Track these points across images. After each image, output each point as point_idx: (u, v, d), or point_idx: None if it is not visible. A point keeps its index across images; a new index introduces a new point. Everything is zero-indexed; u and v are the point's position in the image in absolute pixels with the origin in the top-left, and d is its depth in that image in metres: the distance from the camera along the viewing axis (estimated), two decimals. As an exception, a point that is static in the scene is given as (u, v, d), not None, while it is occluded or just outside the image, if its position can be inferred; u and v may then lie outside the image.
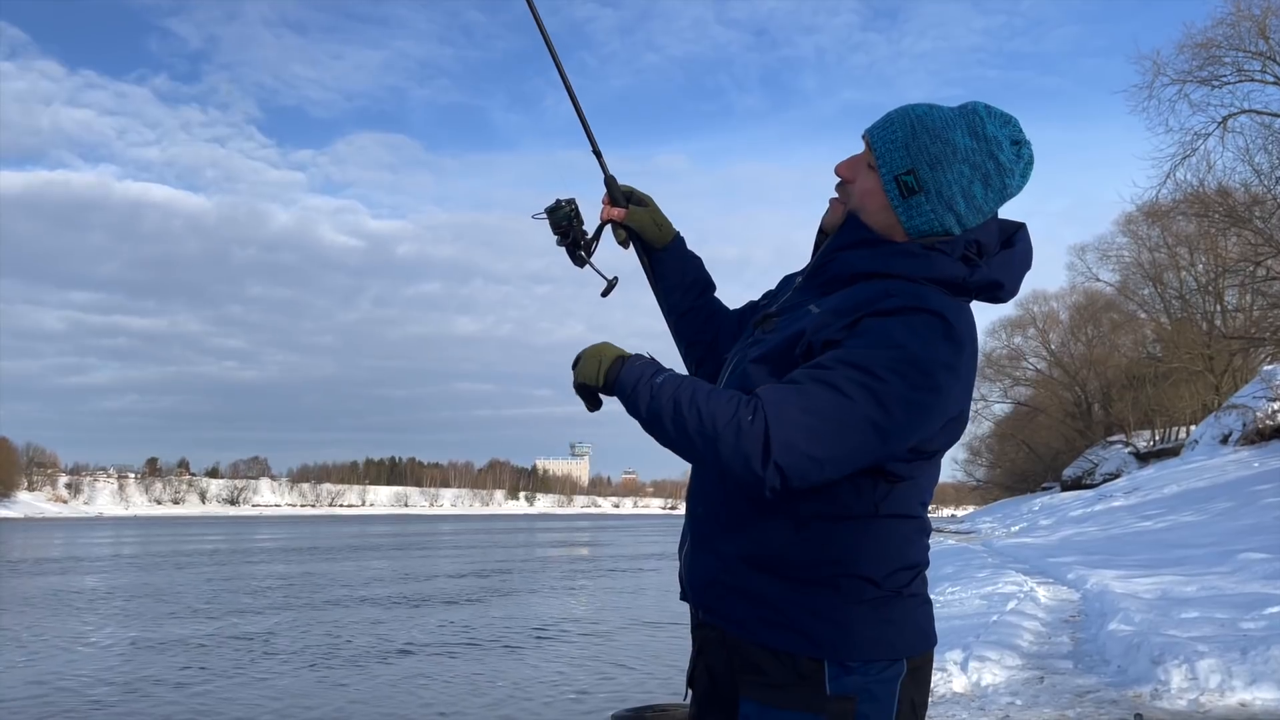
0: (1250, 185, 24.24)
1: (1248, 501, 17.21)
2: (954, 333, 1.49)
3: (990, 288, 1.60)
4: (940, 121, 1.54)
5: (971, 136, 1.54)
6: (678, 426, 1.48)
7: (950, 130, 1.54)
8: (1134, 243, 42.45)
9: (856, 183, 1.61)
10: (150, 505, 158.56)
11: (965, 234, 1.57)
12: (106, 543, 47.62)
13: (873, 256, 1.57)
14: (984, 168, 1.53)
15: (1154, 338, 45.35)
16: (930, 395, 1.47)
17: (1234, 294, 34.27)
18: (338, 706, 9.10)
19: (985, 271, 1.58)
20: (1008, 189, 1.57)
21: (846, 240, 1.60)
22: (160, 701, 9.35)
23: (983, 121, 1.55)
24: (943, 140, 1.53)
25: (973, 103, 1.58)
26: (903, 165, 1.54)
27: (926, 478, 1.62)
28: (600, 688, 9.97)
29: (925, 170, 1.53)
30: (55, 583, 23.21)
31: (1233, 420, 27.09)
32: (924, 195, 1.54)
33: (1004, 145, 1.55)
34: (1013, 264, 1.62)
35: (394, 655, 12.06)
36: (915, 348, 1.46)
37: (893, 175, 1.55)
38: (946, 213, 1.55)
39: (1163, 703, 5.92)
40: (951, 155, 1.52)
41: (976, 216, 1.57)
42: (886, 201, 1.56)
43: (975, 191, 1.54)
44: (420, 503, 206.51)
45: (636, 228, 1.98)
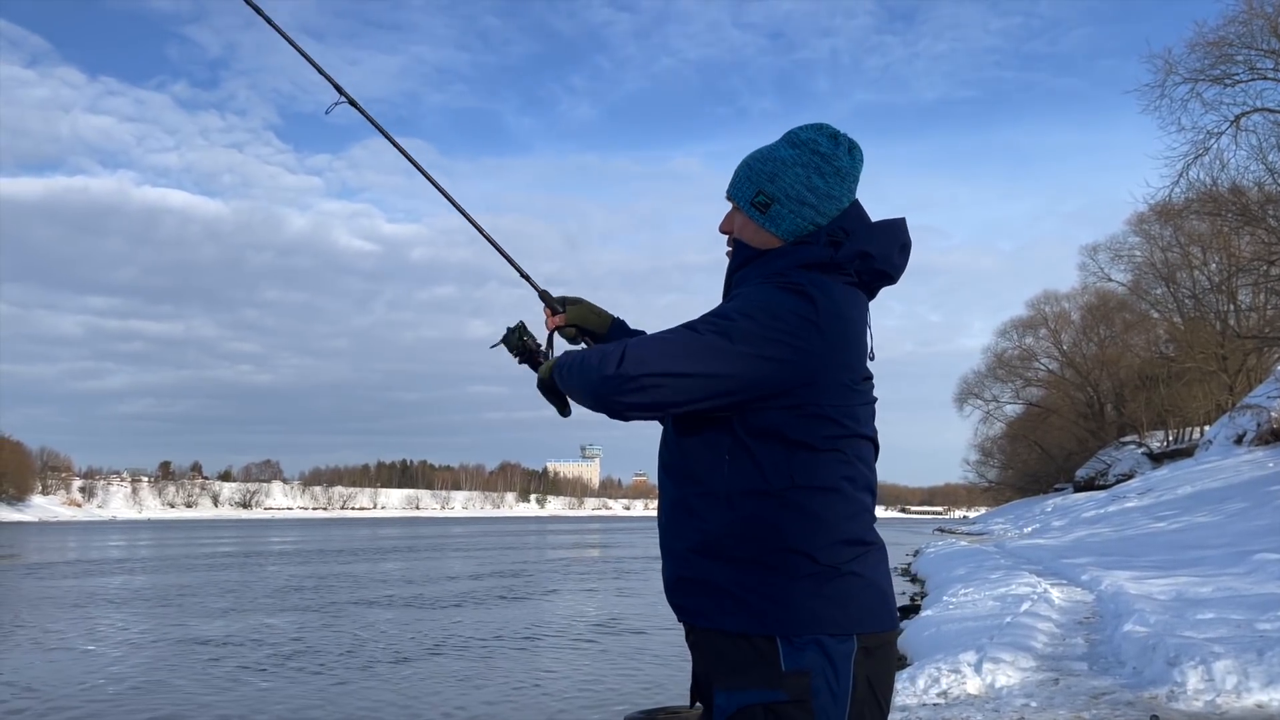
0: (1264, 184, 24.09)
1: (1263, 502, 17.11)
2: (807, 292, 1.70)
3: (861, 258, 1.78)
4: (765, 150, 1.84)
5: (792, 147, 1.81)
6: (582, 375, 1.79)
7: (774, 151, 1.82)
8: (1146, 242, 42.24)
9: (735, 229, 1.88)
10: (163, 508, 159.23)
11: (831, 224, 1.79)
12: (120, 546, 47.86)
13: (758, 264, 1.82)
14: (812, 163, 1.78)
15: (1167, 337, 45.11)
16: (778, 334, 1.66)
17: (1248, 293, 34.07)
18: (350, 706, 9.13)
19: (850, 245, 1.78)
20: (842, 171, 1.79)
21: (737, 262, 1.87)
22: (177, 703, 9.39)
23: (797, 133, 1.82)
24: (771, 160, 1.81)
25: (788, 130, 1.85)
26: (750, 192, 1.82)
27: (849, 451, 1.74)
28: (612, 690, 9.97)
29: (768, 185, 1.80)
30: (71, 585, 23.33)
31: (1247, 420, 26.92)
32: (777, 204, 1.79)
33: (821, 140, 1.80)
34: (876, 235, 1.81)
35: (406, 657, 12.09)
36: (764, 297, 1.70)
37: (748, 202, 1.82)
38: (802, 207, 1.78)
39: (1179, 704, 5.89)
40: (782, 165, 1.79)
41: (831, 203, 1.79)
42: (755, 224, 1.82)
43: (816, 183, 1.78)
44: (431, 505, 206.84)
45: (579, 322, 2.27)
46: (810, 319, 1.67)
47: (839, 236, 1.77)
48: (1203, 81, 23.38)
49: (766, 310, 1.67)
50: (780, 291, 1.70)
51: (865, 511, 1.77)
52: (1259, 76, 22.87)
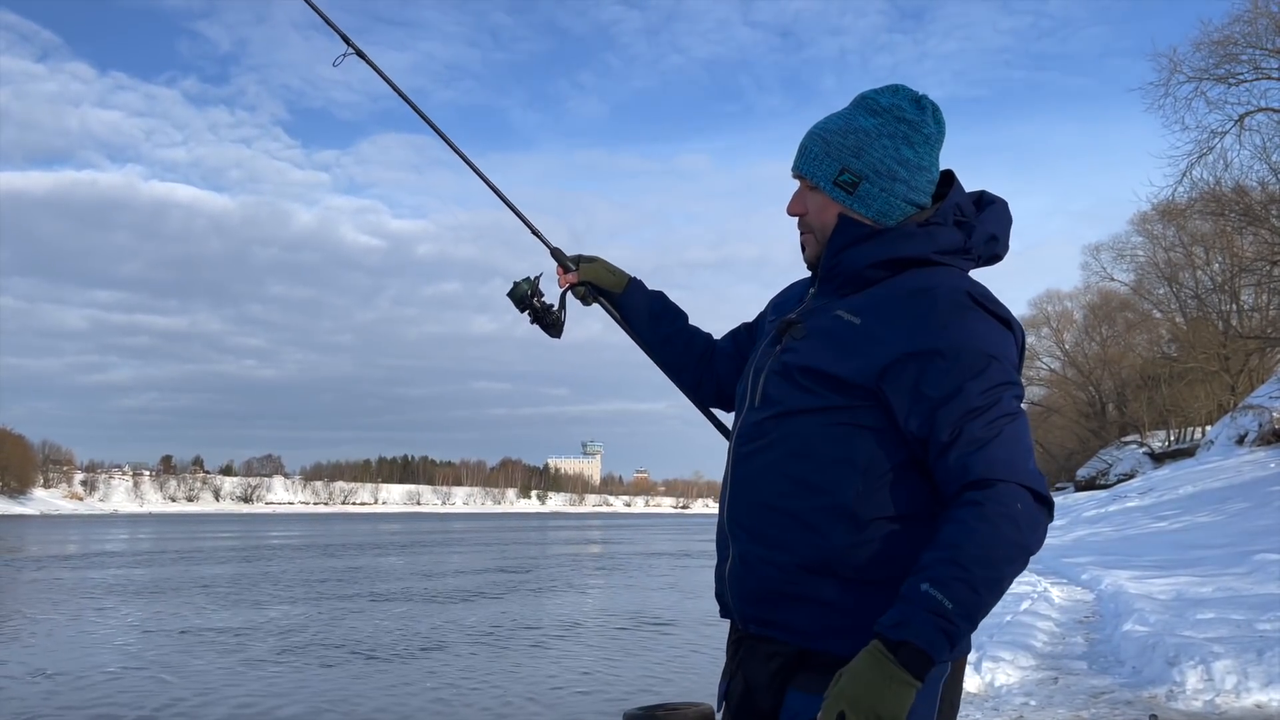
0: (1267, 184, 24.05)
1: (1264, 502, 17.08)
2: (1010, 321, 1.59)
3: (989, 241, 1.67)
4: (841, 120, 1.64)
5: (873, 115, 1.62)
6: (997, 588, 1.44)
7: (853, 121, 1.63)
8: (1149, 242, 42.17)
9: (810, 211, 1.68)
10: (165, 503, 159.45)
11: (947, 202, 1.63)
12: (122, 540, 47.93)
13: (877, 245, 1.61)
14: (899, 132, 1.61)
15: (1169, 337, 45.06)
16: (1013, 378, 1.56)
17: (1250, 293, 34.01)
18: (349, 700, 9.13)
19: (981, 229, 1.65)
20: (931, 138, 1.63)
21: (846, 239, 1.64)
22: (177, 694, 9.41)
23: (875, 99, 1.63)
24: (851, 131, 1.61)
25: (859, 94, 1.66)
26: (833, 170, 1.62)
27: None
28: (611, 686, 9.97)
29: (853, 161, 1.60)
30: (73, 578, 23.36)
31: (1249, 420, 26.88)
32: (866, 181, 1.60)
33: (905, 106, 1.62)
34: (997, 217, 1.69)
35: (406, 651, 12.09)
36: (995, 336, 1.55)
37: (831, 182, 1.62)
38: (894, 184, 1.60)
39: (1178, 704, 5.88)
40: (866, 137, 1.60)
41: (923, 175, 1.63)
42: (841, 205, 1.63)
43: (906, 154, 1.61)
44: (433, 501, 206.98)
45: (593, 280, 2.08)
46: (1015, 351, 1.59)
47: (962, 216, 1.64)
48: (1207, 80, 23.34)
49: (1004, 352, 1.55)
50: (993, 323, 1.56)
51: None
52: (1264, 76, 22.83)
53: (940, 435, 1.49)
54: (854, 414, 1.56)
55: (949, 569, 1.40)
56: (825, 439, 1.56)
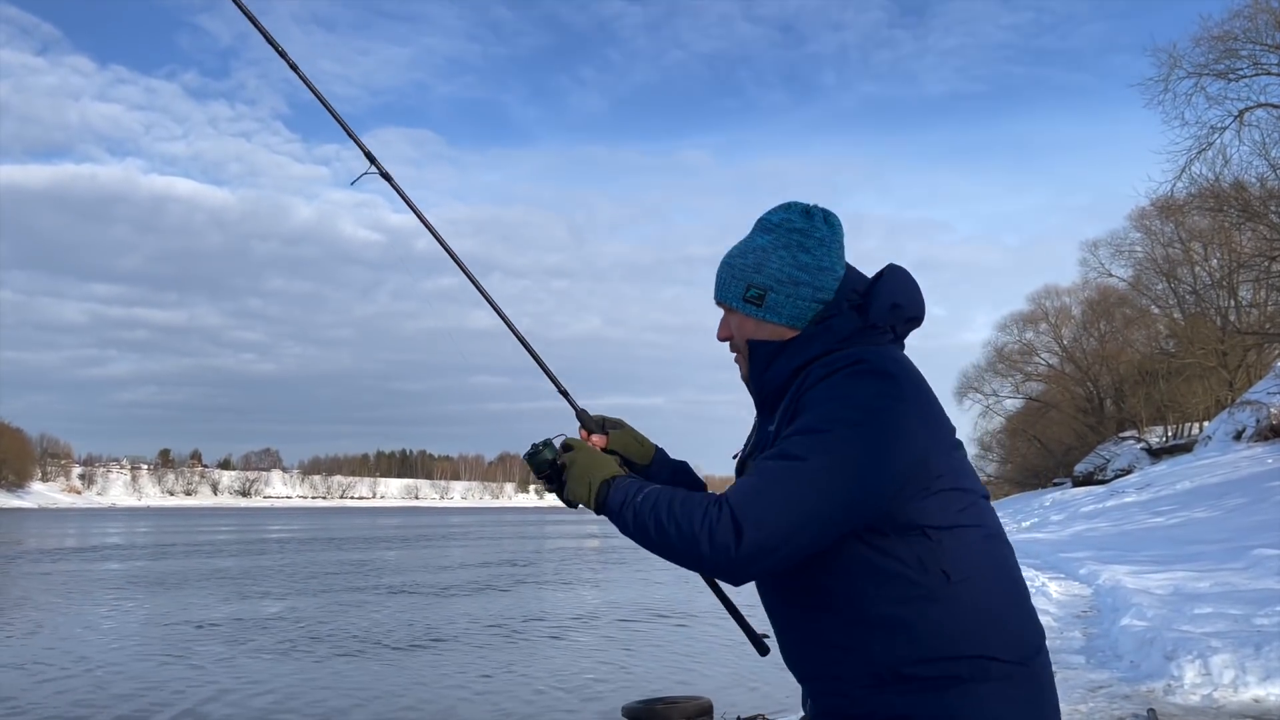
0: (1266, 180, 24.04)
1: (1261, 498, 17.12)
2: (881, 368, 1.58)
3: (893, 310, 1.69)
4: (741, 244, 1.76)
5: (766, 233, 1.73)
6: (661, 538, 1.58)
7: (751, 242, 1.74)
8: (1147, 238, 42.17)
9: (733, 332, 1.78)
10: (163, 496, 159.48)
11: (839, 293, 1.69)
12: (120, 533, 47.92)
13: (785, 358, 1.70)
14: (792, 241, 1.70)
15: (1167, 333, 45.09)
16: (880, 427, 1.52)
17: (1248, 289, 34.03)
18: (346, 693, 9.14)
19: (878, 303, 1.69)
20: (824, 240, 1.72)
21: (762, 362, 1.74)
22: (177, 688, 9.42)
23: (767, 219, 1.75)
24: (750, 251, 1.73)
25: (757, 219, 1.77)
26: (740, 289, 1.73)
27: (985, 522, 1.61)
28: (610, 680, 9.99)
29: (756, 277, 1.71)
30: (73, 571, 23.37)
31: (1246, 416, 26.92)
32: (771, 292, 1.70)
33: (794, 218, 1.73)
34: (892, 284, 1.71)
35: (404, 644, 12.11)
36: (844, 392, 1.56)
37: (740, 299, 1.73)
38: (797, 288, 1.69)
39: (1176, 698, 5.90)
40: (763, 253, 1.71)
41: (825, 275, 1.70)
42: (755, 319, 1.73)
43: (803, 260, 1.70)
44: (431, 495, 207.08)
45: (621, 451, 2.03)
46: (899, 396, 1.55)
47: (856, 300, 1.68)
48: (1207, 76, 23.32)
49: (855, 406, 1.53)
50: (854, 379, 1.56)
51: (1024, 586, 1.66)
52: (1263, 71, 22.80)
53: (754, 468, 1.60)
54: None
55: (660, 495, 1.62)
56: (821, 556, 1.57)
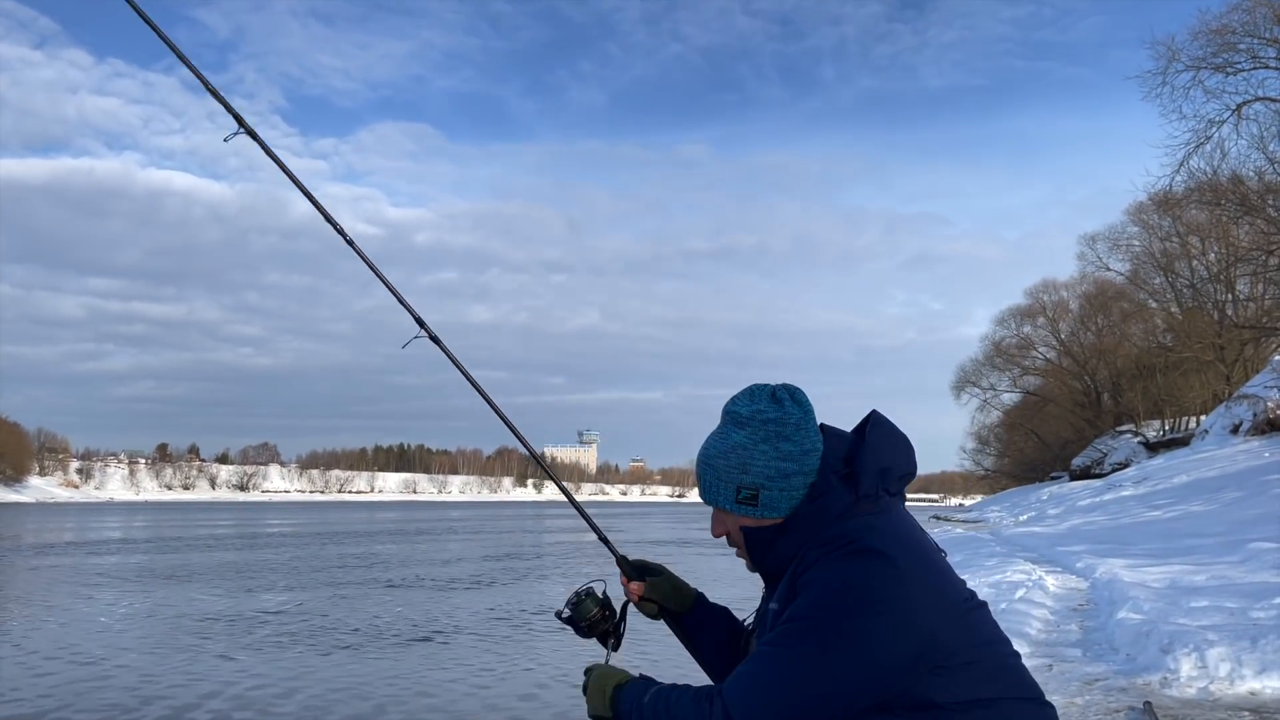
0: (1264, 173, 24.03)
1: (1258, 491, 17.15)
2: (874, 548, 1.54)
3: (882, 475, 1.65)
4: (718, 441, 1.72)
5: (739, 427, 1.70)
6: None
7: (726, 440, 1.71)
8: (1145, 232, 42.20)
9: (730, 530, 1.76)
10: (160, 490, 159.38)
11: (824, 467, 1.66)
12: (118, 527, 47.92)
13: (784, 543, 1.68)
14: (769, 432, 1.67)
15: (1164, 327, 45.16)
16: (877, 612, 1.49)
17: (1246, 283, 34.06)
18: (345, 690, 9.15)
19: (865, 474, 1.64)
20: (800, 423, 1.68)
21: (758, 548, 1.73)
22: (173, 682, 9.42)
23: (736, 412, 1.71)
24: (729, 451, 1.69)
25: (724, 408, 1.75)
26: (730, 492, 1.70)
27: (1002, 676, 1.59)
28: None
29: (744, 479, 1.68)
30: (72, 565, 23.36)
31: (1243, 410, 26.96)
32: (764, 490, 1.67)
33: (764, 409, 1.69)
34: (877, 448, 1.67)
35: (404, 639, 12.12)
36: (837, 578, 1.53)
37: (733, 502, 1.70)
38: (789, 479, 1.66)
39: (1172, 691, 5.91)
40: (744, 452, 1.68)
41: (810, 457, 1.67)
42: (753, 518, 1.70)
43: (785, 449, 1.66)
44: (429, 489, 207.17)
45: (661, 600, 2.11)
46: (896, 577, 1.51)
47: (843, 470, 1.65)
48: (1205, 69, 23.31)
49: (849, 592, 1.50)
50: (848, 561, 1.53)
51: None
52: (1261, 65, 22.80)
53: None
54: None
55: (661, 694, 1.69)
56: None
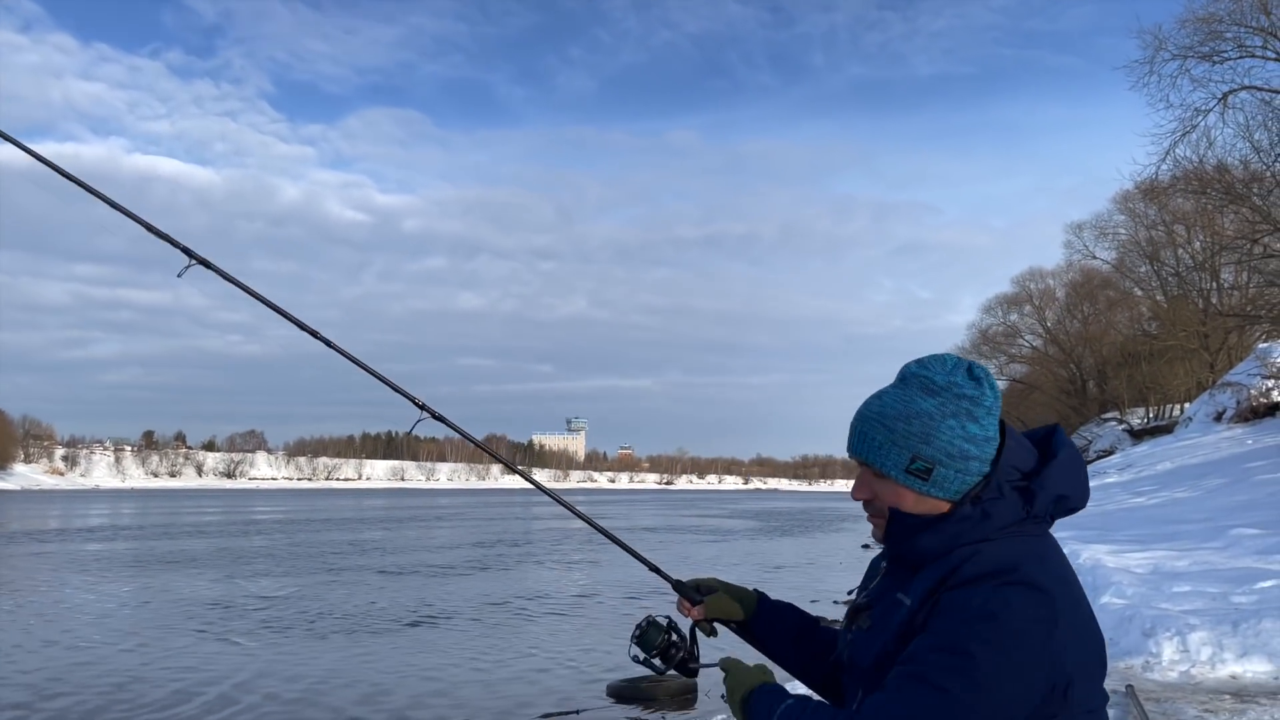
0: (1250, 162, 24.16)
1: (1241, 478, 17.31)
2: (1039, 583, 1.47)
3: (1057, 503, 1.58)
4: (899, 402, 1.58)
5: (930, 395, 1.57)
6: None
7: (913, 404, 1.57)
8: (1131, 220, 42.35)
9: (879, 496, 1.62)
10: (147, 478, 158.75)
11: (999, 469, 1.55)
12: (104, 514, 47.71)
13: (935, 535, 1.57)
14: (962, 410, 1.56)
15: (1150, 315, 45.38)
16: (1028, 649, 1.43)
17: (1230, 271, 34.27)
18: (337, 674, 9.16)
19: (1044, 494, 1.57)
20: (991, 409, 1.59)
21: (902, 533, 1.61)
22: (161, 667, 9.41)
23: (929, 377, 1.58)
24: (912, 416, 1.56)
25: (905, 369, 1.61)
26: (904, 459, 1.57)
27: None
28: (597, 659, 10.05)
29: (923, 448, 1.55)
30: (57, 552, 23.27)
31: (1227, 398, 27.17)
32: (940, 466, 1.55)
33: (961, 382, 1.58)
34: (1065, 473, 1.59)
35: (395, 624, 12.13)
36: (996, 606, 1.44)
37: (903, 471, 1.57)
38: (967, 463, 1.56)
39: (1154, 675, 5.98)
40: (931, 421, 1.55)
41: (990, 445, 1.58)
42: (914, 493, 1.58)
43: (973, 431, 1.56)
44: (417, 477, 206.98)
45: (721, 617, 2.02)
46: (1051, 618, 1.44)
47: (1019, 481, 1.56)
48: (1192, 58, 23.34)
49: (1005, 628, 1.42)
50: (1005, 592, 1.45)
51: None
52: (1248, 54, 22.86)
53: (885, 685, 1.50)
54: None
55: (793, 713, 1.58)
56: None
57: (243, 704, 8.07)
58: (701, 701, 8.06)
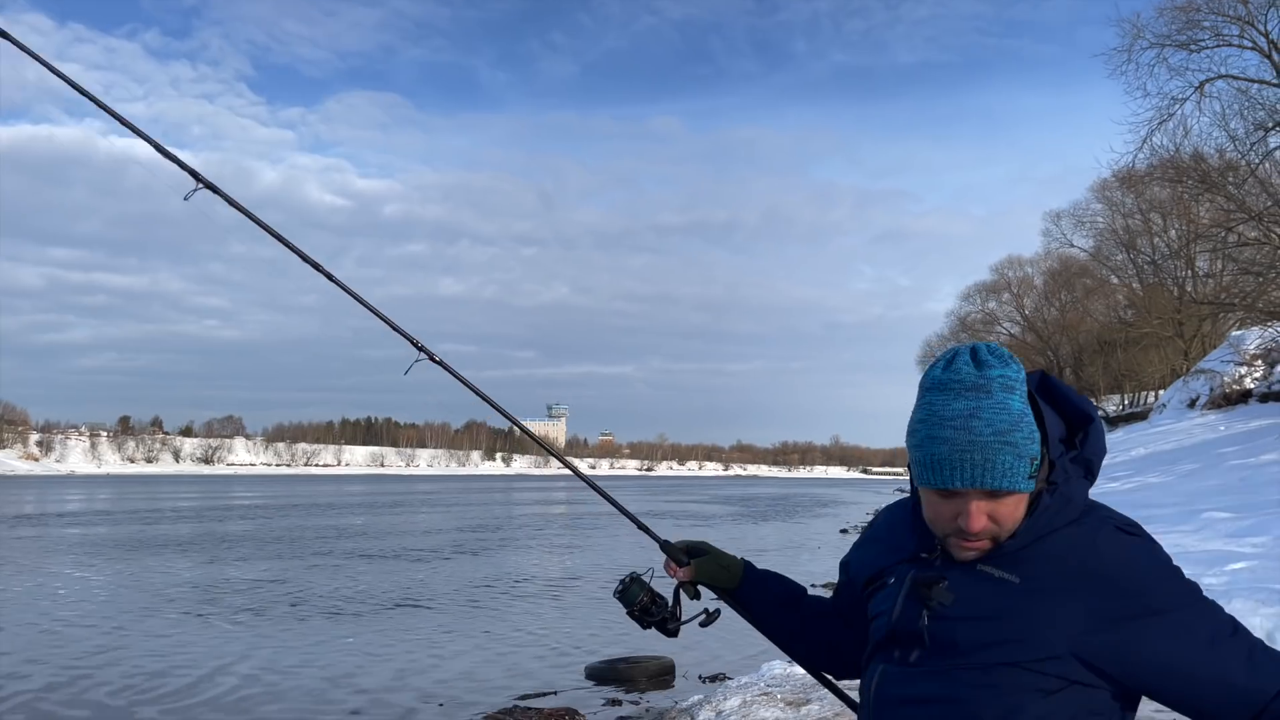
0: (1225, 151, 24.38)
1: (1213, 463, 17.54)
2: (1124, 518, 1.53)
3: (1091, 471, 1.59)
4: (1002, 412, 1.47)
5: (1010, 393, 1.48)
6: None
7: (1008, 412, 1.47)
8: (1108, 209, 42.71)
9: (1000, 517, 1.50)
10: (123, 464, 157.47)
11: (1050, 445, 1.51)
12: (81, 500, 47.30)
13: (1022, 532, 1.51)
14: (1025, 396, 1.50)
15: (1126, 303, 45.78)
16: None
17: (1205, 259, 34.58)
18: (313, 660, 9.15)
19: (1097, 459, 1.57)
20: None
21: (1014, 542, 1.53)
22: (147, 654, 9.37)
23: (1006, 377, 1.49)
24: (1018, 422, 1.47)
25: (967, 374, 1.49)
26: (1026, 468, 1.47)
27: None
28: (575, 641, 10.08)
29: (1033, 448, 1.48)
30: (33, 536, 23.06)
31: (1200, 385, 27.49)
32: (1038, 461, 1.49)
33: (1017, 368, 1.51)
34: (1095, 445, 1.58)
35: (373, 609, 12.13)
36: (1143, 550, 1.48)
37: (1025, 479, 1.48)
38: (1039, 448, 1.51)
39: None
40: (1028, 420, 1.49)
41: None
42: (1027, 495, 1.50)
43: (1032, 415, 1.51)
44: (396, 463, 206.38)
45: (708, 580, 2.00)
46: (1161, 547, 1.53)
47: (1067, 454, 1.54)
48: (1169, 47, 23.52)
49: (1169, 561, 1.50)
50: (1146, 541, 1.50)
51: None
52: (1225, 43, 23.04)
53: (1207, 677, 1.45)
54: (1017, 676, 1.46)
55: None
56: (988, 702, 1.46)
57: (223, 686, 8.06)
58: (679, 682, 8.11)
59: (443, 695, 7.70)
